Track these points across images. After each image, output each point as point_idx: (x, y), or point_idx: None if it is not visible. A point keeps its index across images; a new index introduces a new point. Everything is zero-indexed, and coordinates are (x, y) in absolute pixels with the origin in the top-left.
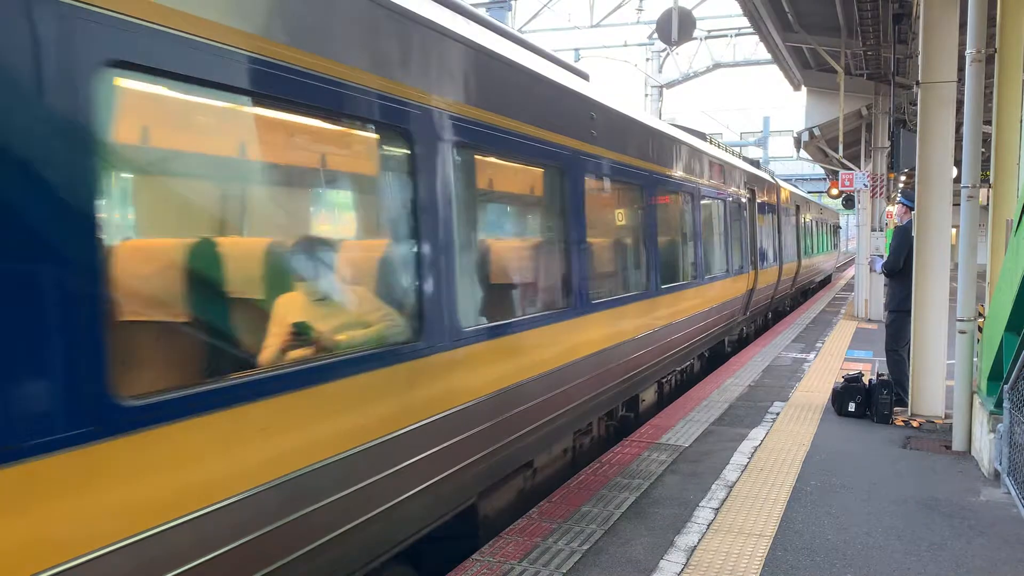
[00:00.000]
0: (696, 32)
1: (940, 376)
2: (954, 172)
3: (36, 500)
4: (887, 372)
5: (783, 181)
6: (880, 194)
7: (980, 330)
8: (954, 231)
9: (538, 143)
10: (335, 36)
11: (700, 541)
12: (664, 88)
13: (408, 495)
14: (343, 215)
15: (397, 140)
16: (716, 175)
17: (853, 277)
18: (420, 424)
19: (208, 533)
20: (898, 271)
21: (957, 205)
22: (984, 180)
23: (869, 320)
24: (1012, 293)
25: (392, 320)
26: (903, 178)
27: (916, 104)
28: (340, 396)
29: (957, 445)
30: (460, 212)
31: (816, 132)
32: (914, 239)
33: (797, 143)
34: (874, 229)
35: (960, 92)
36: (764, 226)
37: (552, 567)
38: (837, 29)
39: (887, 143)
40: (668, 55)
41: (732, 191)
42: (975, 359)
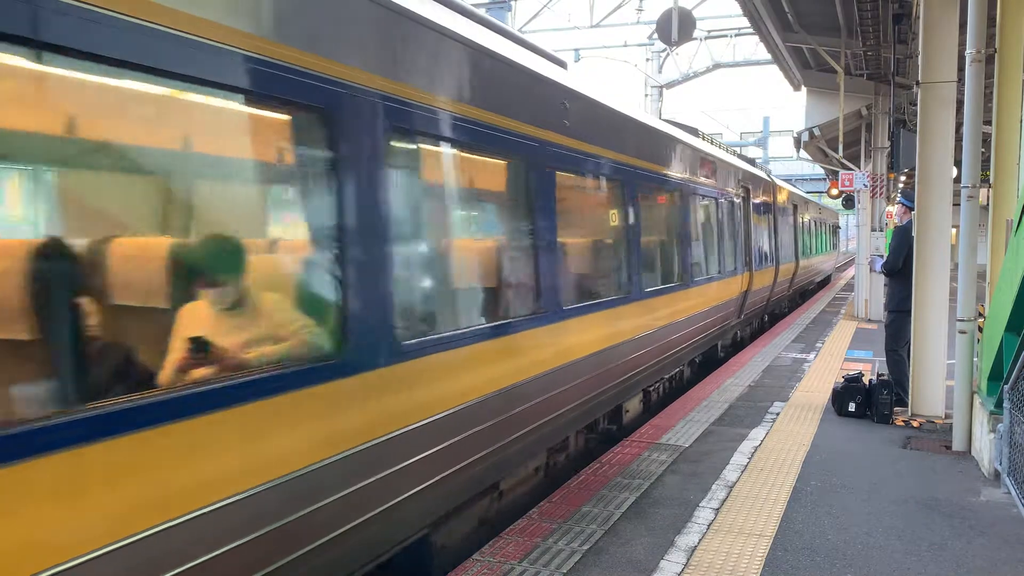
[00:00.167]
0: (696, 32)
1: (940, 376)
2: (954, 172)
3: None
4: (887, 372)
5: (781, 180)
6: (880, 194)
7: (980, 330)
8: (954, 231)
9: (498, 132)
10: None
11: (700, 541)
12: (664, 88)
13: (332, 536)
14: (242, 208)
15: (311, 122)
16: (707, 172)
17: (853, 277)
18: (342, 456)
19: None
20: (898, 271)
21: (957, 205)
22: (984, 180)
23: (869, 320)
24: (1012, 293)
25: (309, 334)
26: (903, 178)
27: (916, 104)
28: (228, 429)
29: (957, 445)
30: (398, 208)
31: (816, 132)
32: (914, 239)
33: (797, 143)
34: (874, 229)
35: (960, 92)
36: (759, 226)
37: (552, 567)
38: (837, 29)
39: (887, 143)
40: (668, 55)
41: (725, 189)
42: (975, 359)
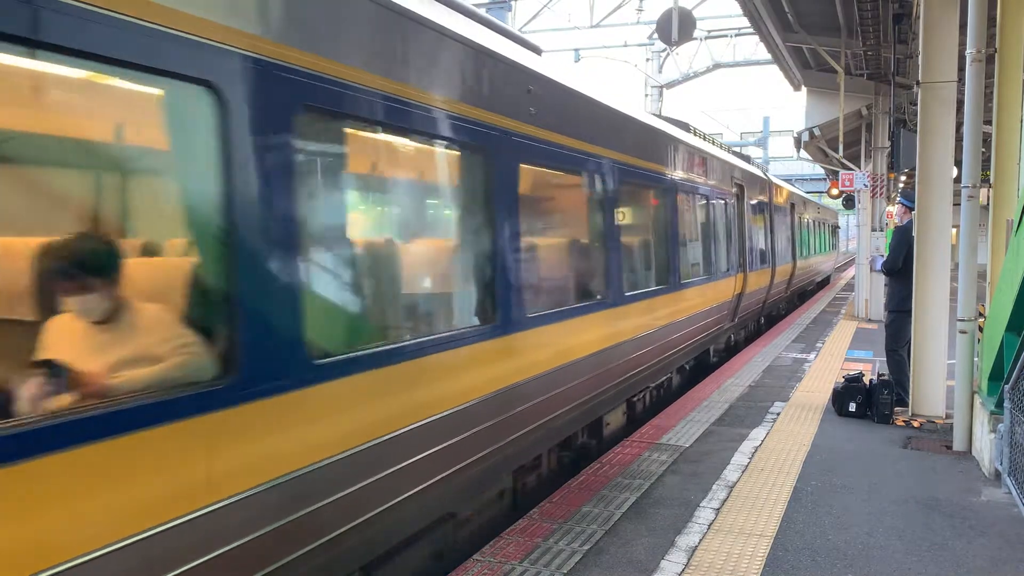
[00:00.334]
0: (696, 32)
1: (941, 376)
2: (954, 172)
3: None
4: (887, 372)
5: (779, 179)
6: (880, 194)
7: (981, 330)
8: (954, 231)
9: (445, 117)
10: None
11: (701, 541)
12: (664, 88)
13: None
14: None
15: (194, 96)
16: (697, 168)
17: (853, 277)
18: (224, 503)
19: None
20: (898, 271)
21: (957, 205)
22: (984, 180)
23: (869, 320)
24: (1012, 293)
25: (192, 352)
26: (903, 178)
27: (916, 104)
28: (78, 473)
29: (958, 445)
30: (308, 201)
31: (816, 132)
32: (914, 239)
33: (797, 143)
34: (874, 229)
35: (960, 92)
36: (755, 225)
37: (553, 567)
38: (837, 29)
39: (887, 143)
40: (668, 55)
41: (717, 186)
42: (976, 359)
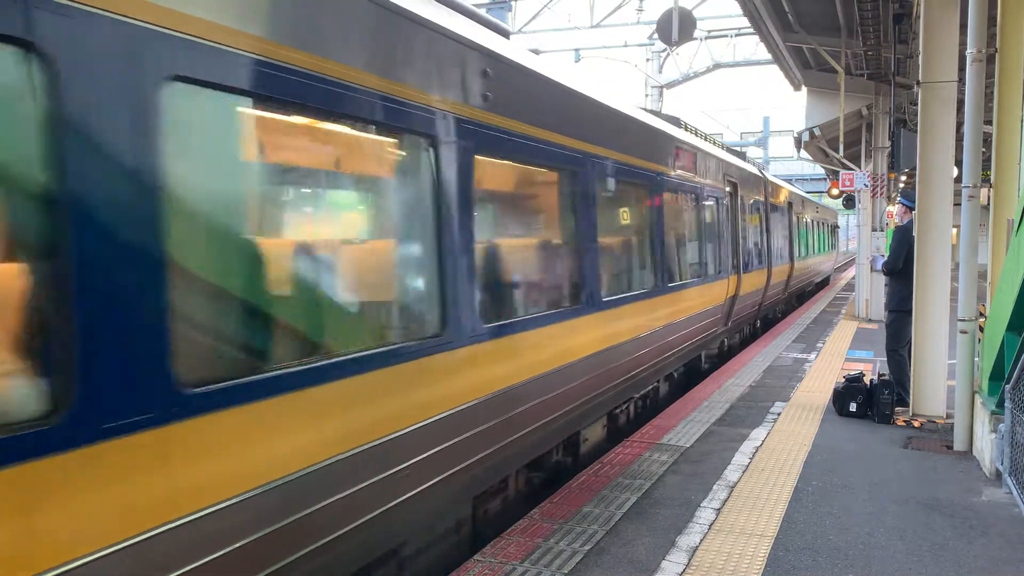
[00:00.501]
0: (696, 32)
1: (941, 376)
2: (954, 172)
3: None
4: (888, 372)
5: (776, 177)
6: (880, 194)
7: (981, 330)
8: (955, 231)
9: (381, 101)
10: None
11: (702, 541)
12: (664, 88)
13: None
14: None
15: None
16: (685, 164)
17: (854, 278)
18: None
19: None
20: (899, 271)
21: (958, 205)
22: (985, 180)
23: (870, 320)
24: (1013, 293)
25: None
26: (903, 178)
27: (916, 104)
28: None
29: (958, 445)
30: (184, 191)
31: (816, 132)
32: (915, 239)
33: (797, 143)
34: (875, 229)
35: (961, 92)
36: (750, 225)
37: (554, 567)
38: (837, 29)
39: (887, 143)
40: (668, 55)
41: (708, 184)
42: (976, 359)
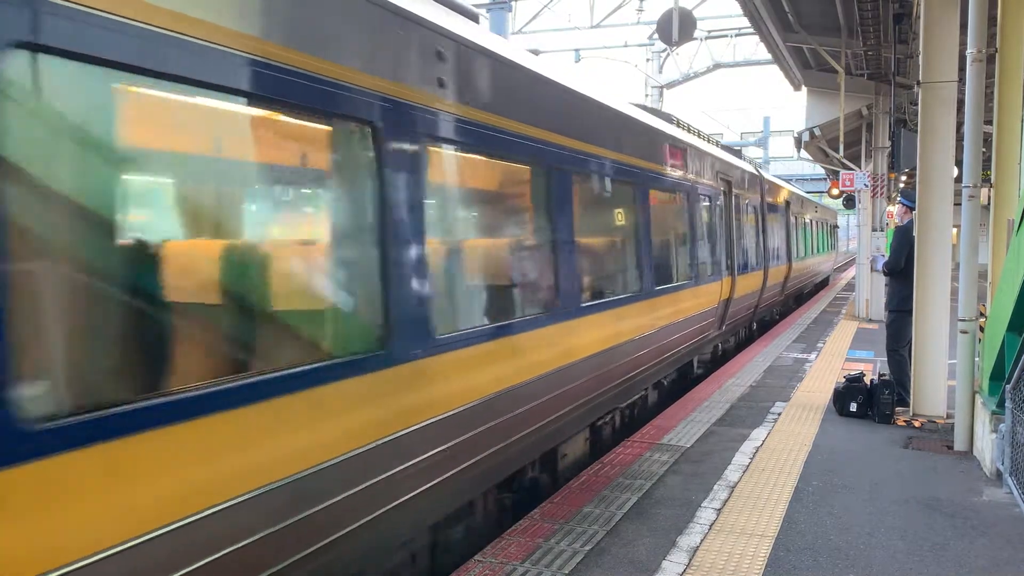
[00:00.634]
0: (696, 32)
1: (942, 376)
2: (955, 172)
3: None
4: (888, 372)
5: (772, 176)
6: (881, 194)
7: (981, 330)
8: (955, 231)
9: (313, 84)
10: None
11: (702, 541)
12: (664, 88)
13: None
14: None
15: None
16: (676, 161)
17: (854, 278)
18: None
19: None
20: (899, 271)
21: (958, 205)
22: (985, 180)
23: (870, 320)
24: (1013, 293)
25: None
26: (903, 178)
27: (917, 104)
28: None
29: (959, 445)
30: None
31: (816, 132)
32: (915, 239)
33: (798, 143)
34: (875, 229)
35: (961, 92)
36: (745, 225)
37: (554, 568)
38: (837, 29)
39: (888, 143)
40: (668, 55)
41: (701, 182)
42: (976, 359)
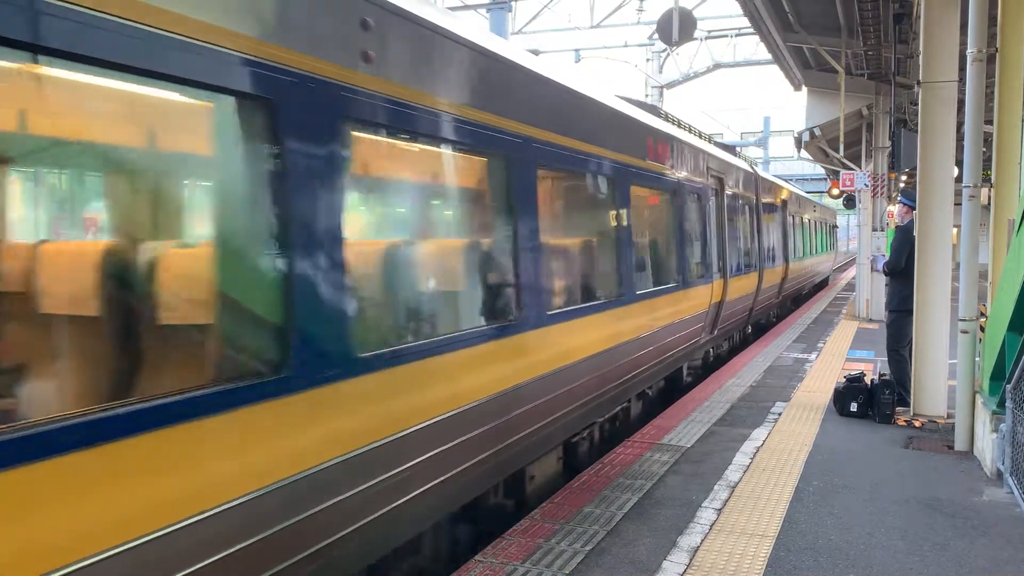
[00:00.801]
0: (696, 32)
1: (942, 376)
2: (955, 172)
3: None
4: (889, 372)
5: (767, 173)
6: (881, 194)
7: (982, 330)
8: (955, 231)
9: (192, 51)
10: None
11: (703, 542)
12: (664, 88)
13: None
14: None
15: None
16: (661, 155)
17: (854, 278)
18: None
19: None
20: (900, 271)
21: (958, 205)
22: (985, 180)
23: (870, 320)
24: (1014, 293)
25: None
26: (904, 178)
27: (917, 104)
28: None
29: (959, 445)
30: None
31: (817, 132)
32: (915, 239)
33: (798, 143)
34: (875, 229)
35: (961, 92)
36: (737, 224)
37: (555, 568)
38: (837, 29)
39: (888, 143)
40: (668, 55)
41: (689, 179)
42: (977, 359)
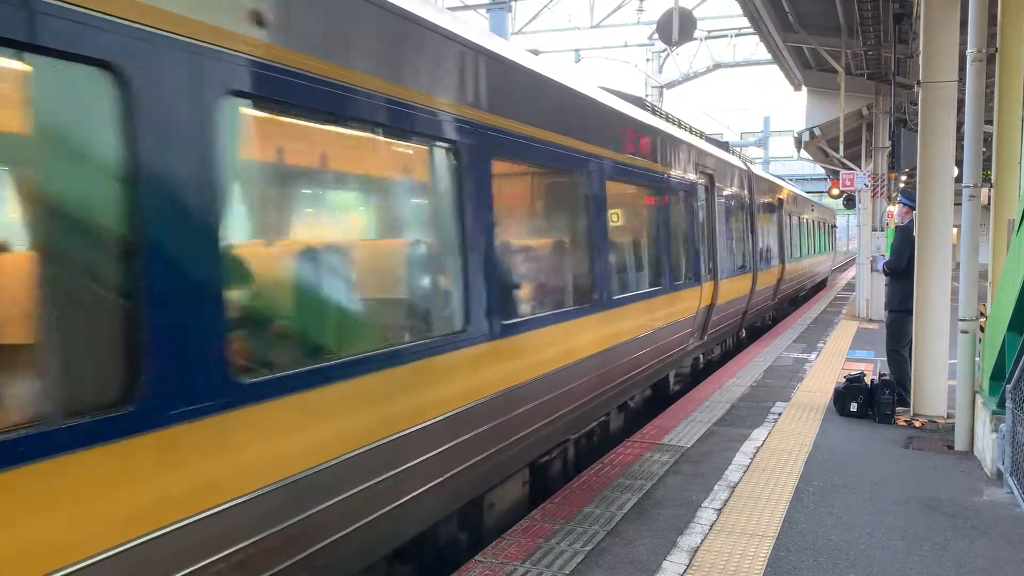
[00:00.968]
0: (696, 32)
1: (942, 376)
2: (955, 172)
3: None
4: (889, 372)
5: (767, 172)
6: (881, 194)
7: (982, 330)
8: (955, 231)
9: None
10: None
11: (703, 542)
12: (664, 88)
13: None
14: None
15: None
16: (644, 150)
17: (854, 278)
18: None
19: None
20: (900, 271)
21: (958, 205)
22: (985, 180)
23: (870, 320)
24: (1014, 293)
25: None
26: (904, 178)
27: (917, 104)
28: None
29: (959, 445)
30: None
31: (817, 132)
32: (915, 239)
33: (798, 143)
34: (875, 229)
35: (961, 92)
36: (730, 224)
37: (555, 568)
38: (837, 29)
39: (888, 143)
40: (668, 55)
41: (677, 175)
42: (977, 359)
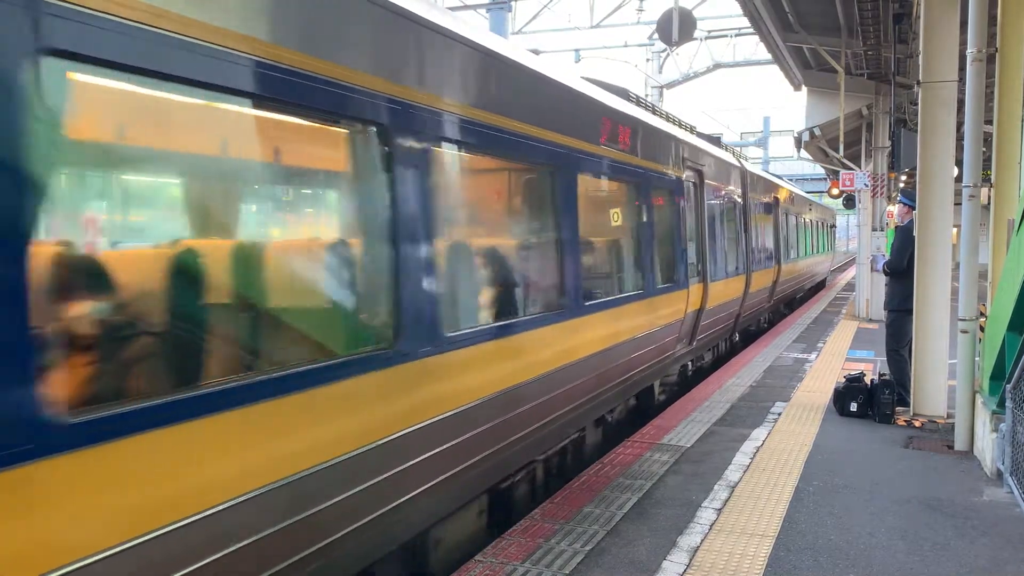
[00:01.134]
0: (696, 32)
1: (942, 376)
2: (955, 171)
3: None
4: (889, 372)
5: (766, 171)
6: (881, 194)
7: (982, 330)
8: (955, 230)
9: None
10: None
11: (703, 542)
12: (664, 88)
13: None
14: None
15: None
16: (624, 143)
17: (853, 278)
18: None
19: None
20: (900, 271)
21: (958, 204)
22: (985, 179)
23: (870, 320)
24: (1013, 293)
25: None
26: (903, 178)
27: (917, 104)
28: None
29: (959, 445)
30: None
31: (816, 132)
32: (915, 239)
33: (798, 143)
34: (875, 229)
35: (961, 92)
36: (721, 223)
37: (555, 568)
38: (837, 29)
39: (888, 143)
40: (668, 55)
41: (660, 171)
42: (977, 359)
